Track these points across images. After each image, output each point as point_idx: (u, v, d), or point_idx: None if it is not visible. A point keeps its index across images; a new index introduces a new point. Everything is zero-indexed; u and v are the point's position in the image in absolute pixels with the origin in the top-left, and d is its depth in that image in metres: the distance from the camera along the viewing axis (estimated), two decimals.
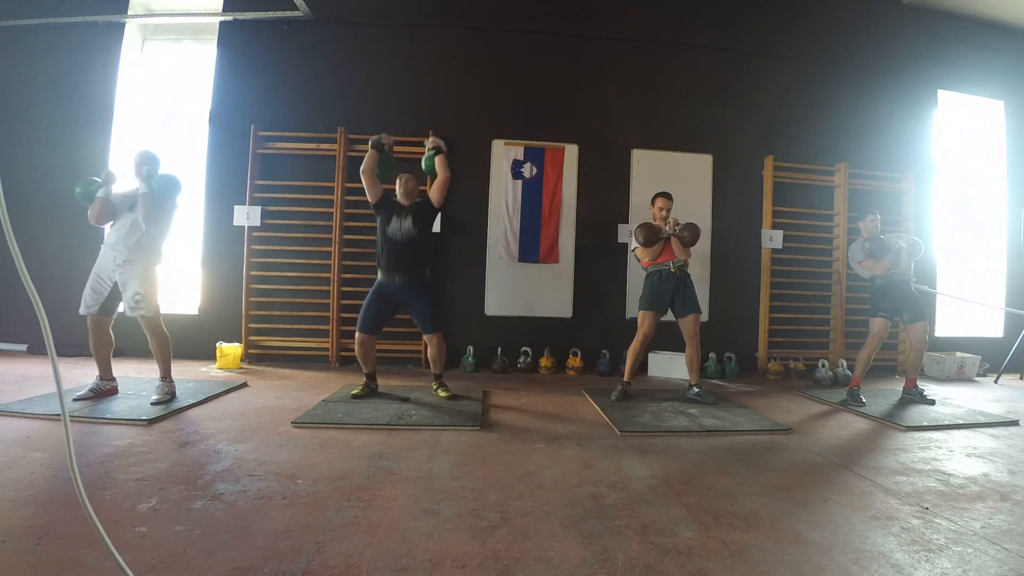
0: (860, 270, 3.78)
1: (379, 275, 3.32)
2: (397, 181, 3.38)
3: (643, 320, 3.55)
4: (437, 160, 3.38)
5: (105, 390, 3.04)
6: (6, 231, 0.95)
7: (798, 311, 4.94)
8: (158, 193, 2.96)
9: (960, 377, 4.81)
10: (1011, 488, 2.09)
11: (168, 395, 2.99)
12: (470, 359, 4.49)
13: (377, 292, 3.31)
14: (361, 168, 3.34)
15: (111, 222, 3.01)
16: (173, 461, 2.10)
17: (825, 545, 1.57)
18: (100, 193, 2.98)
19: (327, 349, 4.52)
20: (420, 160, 4.52)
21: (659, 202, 3.65)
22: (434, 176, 3.40)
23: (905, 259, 3.68)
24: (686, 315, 3.50)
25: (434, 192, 3.34)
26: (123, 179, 3.14)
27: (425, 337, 3.41)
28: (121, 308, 3.02)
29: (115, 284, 2.95)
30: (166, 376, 3.06)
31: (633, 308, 4.12)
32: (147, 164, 3.03)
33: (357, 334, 3.29)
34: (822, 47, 5.17)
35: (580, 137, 4.85)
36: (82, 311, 2.96)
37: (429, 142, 3.45)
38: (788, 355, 4.80)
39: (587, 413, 3.17)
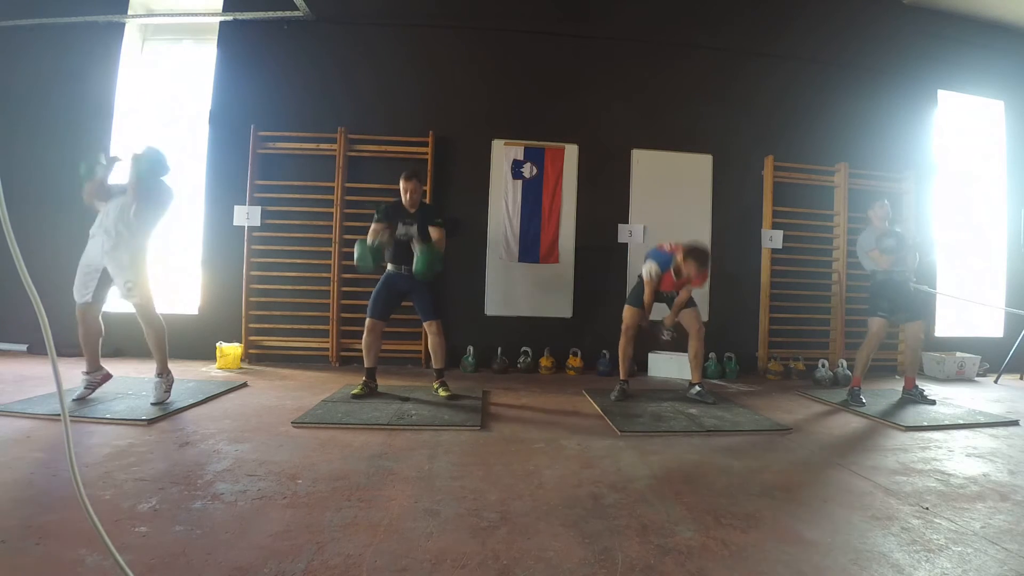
0: (865, 260, 3.76)
1: (388, 267, 3.41)
2: (402, 187, 3.36)
3: (625, 314, 3.57)
4: (429, 247, 3.26)
5: (98, 380, 3.02)
6: (6, 231, 0.95)
7: (798, 311, 4.94)
8: (143, 172, 2.94)
9: (960, 377, 4.81)
10: (1011, 488, 2.09)
11: (166, 392, 2.98)
12: (470, 359, 4.49)
13: (385, 280, 3.42)
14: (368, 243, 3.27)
15: (104, 203, 3.01)
16: (173, 461, 2.10)
17: (825, 545, 1.57)
18: (99, 174, 3.00)
19: (327, 349, 4.52)
20: (420, 160, 4.58)
21: (689, 265, 3.30)
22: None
23: (911, 257, 3.67)
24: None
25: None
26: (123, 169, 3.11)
27: (425, 325, 3.42)
28: (114, 294, 3.01)
29: (104, 271, 2.93)
30: (163, 372, 3.02)
31: None
32: (145, 152, 3.05)
33: (367, 320, 3.36)
34: (822, 47, 5.17)
35: (580, 137, 4.85)
36: (78, 300, 2.95)
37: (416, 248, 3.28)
38: (788, 355, 4.79)
39: (587, 413, 3.16)
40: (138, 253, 2.98)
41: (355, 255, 3.28)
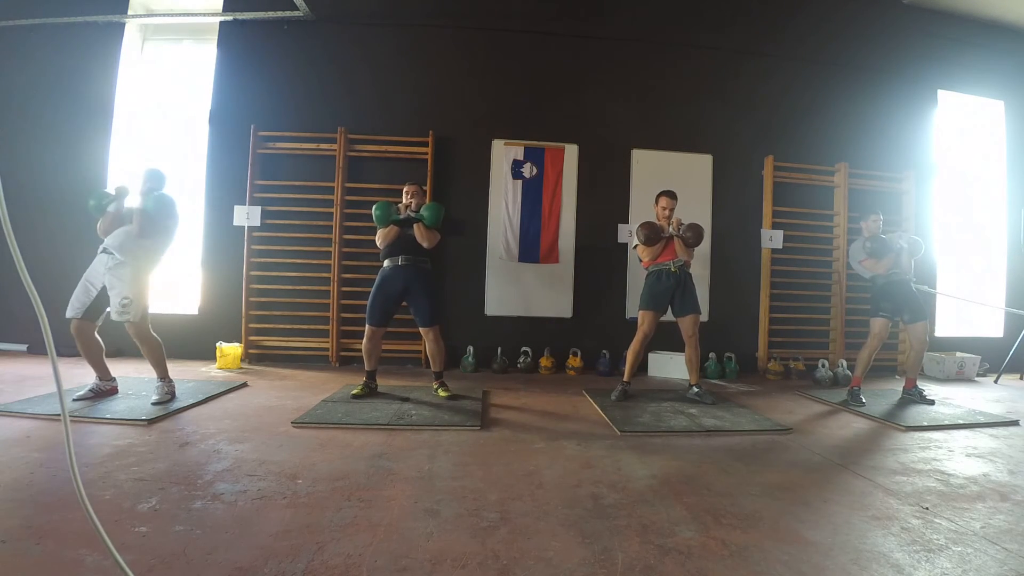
0: (861, 270, 3.78)
1: (384, 264, 3.36)
2: (404, 193, 3.43)
3: (643, 319, 3.55)
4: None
5: (105, 390, 3.04)
6: (6, 231, 0.95)
7: (798, 311, 4.94)
8: (151, 211, 2.95)
9: (960, 377, 4.81)
10: (1011, 488, 2.09)
11: (168, 395, 2.99)
12: (470, 359, 4.49)
13: (381, 283, 3.35)
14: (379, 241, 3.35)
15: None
16: (173, 461, 2.10)
17: (825, 545, 1.57)
18: (111, 208, 3.01)
19: (327, 349, 4.52)
20: (419, 160, 4.58)
21: (663, 201, 3.63)
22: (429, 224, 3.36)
23: (906, 258, 3.69)
24: (685, 315, 3.50)
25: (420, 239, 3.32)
26: (131, 188, 3.14)
27: (422, 331, 3.38)
28: (108, 311, 2.99)
29: (103, 289, 2.92)
30: (164, 377, 3.05)
31: (633, 308, 4.12)
32: (149, 182, 3.07)
33: (366, 328, 3.34)
34: (822, 47, 5.17)
35: (580, 137, 4.85)
36: (68, 314, 2.92)
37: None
38: (788, 355, 4.79)
39: (587, 413, 3.16)
40: (141, 273, 2.96)
41: (375, 215, 3.28)
